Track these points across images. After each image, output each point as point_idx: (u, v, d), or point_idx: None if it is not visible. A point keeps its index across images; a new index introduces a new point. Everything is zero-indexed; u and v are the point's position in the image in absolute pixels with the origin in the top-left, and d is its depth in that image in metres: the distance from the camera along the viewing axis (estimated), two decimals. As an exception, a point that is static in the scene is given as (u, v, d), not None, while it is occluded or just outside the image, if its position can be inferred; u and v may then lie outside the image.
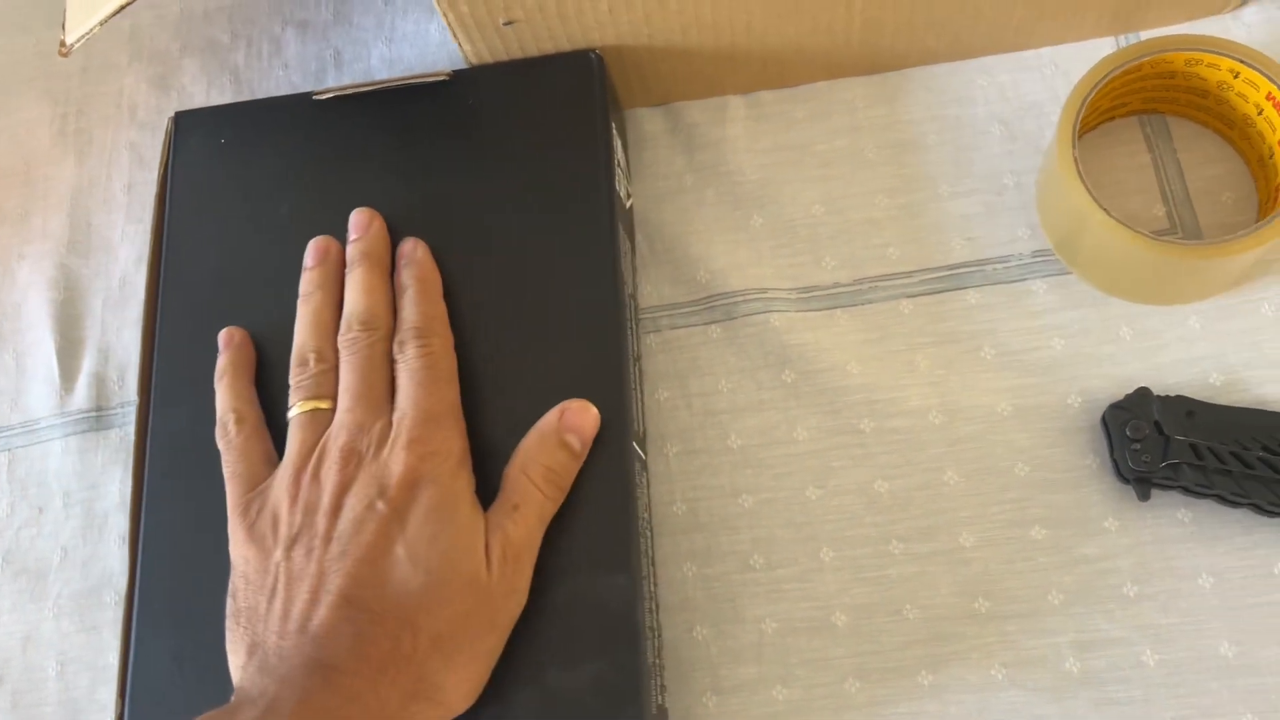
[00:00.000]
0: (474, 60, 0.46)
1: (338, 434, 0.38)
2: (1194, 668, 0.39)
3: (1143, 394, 0.41)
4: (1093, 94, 0.42)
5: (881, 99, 0.48)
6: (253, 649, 0.36)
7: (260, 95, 0.53)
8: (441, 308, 0.42)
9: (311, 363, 0.41)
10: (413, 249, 0.43)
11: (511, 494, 0.38)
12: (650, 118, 0.50)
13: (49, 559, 0.47)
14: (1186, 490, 0.41)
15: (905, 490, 0.43)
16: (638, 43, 0.45)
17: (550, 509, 0.38)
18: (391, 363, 0.40)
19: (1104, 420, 0.42)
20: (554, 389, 0.40)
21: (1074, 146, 0.41)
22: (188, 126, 0.47)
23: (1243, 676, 0.39)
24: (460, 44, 0.45)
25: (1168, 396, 0.41)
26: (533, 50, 0.45)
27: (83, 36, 0.43)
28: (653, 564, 0.42)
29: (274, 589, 0.36)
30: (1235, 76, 0.42)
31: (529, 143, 0.44)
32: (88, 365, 0.50)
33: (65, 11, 0.44)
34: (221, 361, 0.42)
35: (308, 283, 0.43)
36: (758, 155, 0.49)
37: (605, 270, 0.42)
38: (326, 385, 0.40)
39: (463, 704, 0.36)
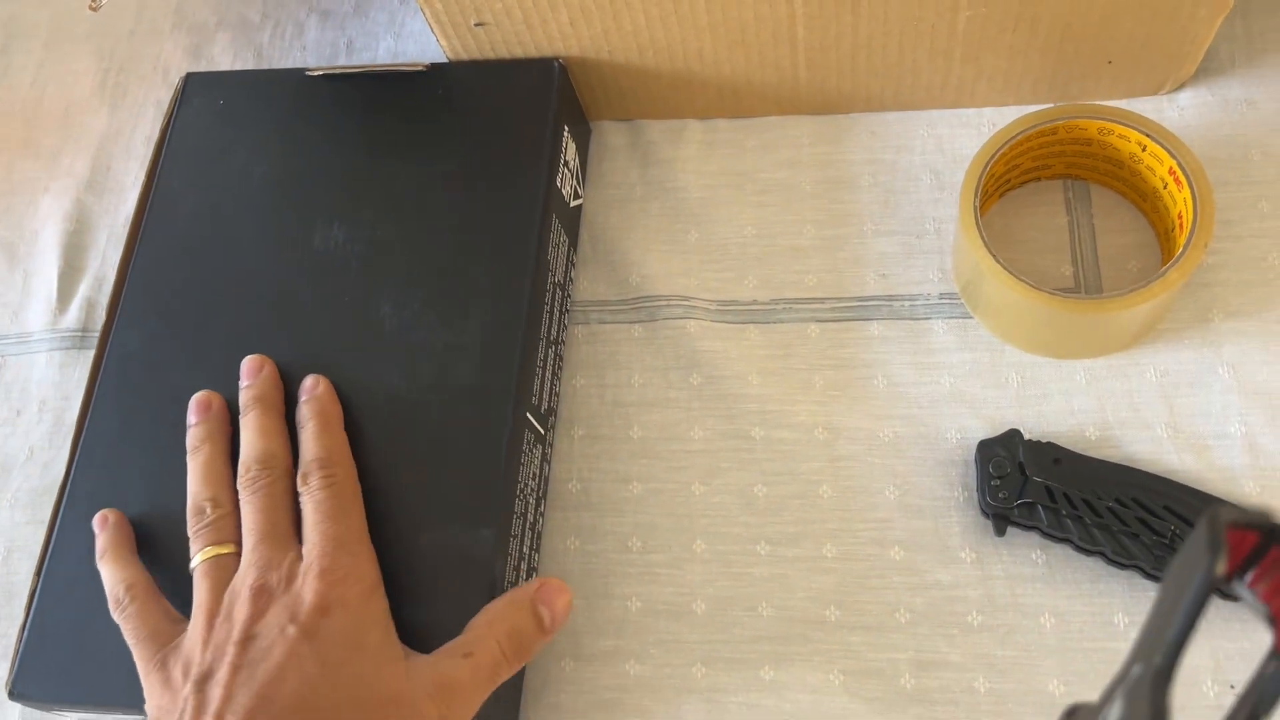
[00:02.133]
0: (451, 56, 0.50)
1: (246, 573, 0.39)
2: (1021, 700, 0.41)
3: (1012, 434, 0.43)
4: (1002, 150, 0.44)
5: (827, 138, 0.52)
6: None
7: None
8: (342, 439, 0.42)
9: (208, 510, 0.41)
10: (313, 385, 0.43)
11: (470, 643, 0.38)
12: (615, 131, 0.54)
13: (16, 456, 0.52)
14: (1042, 533, 0.42)
15: (781, 497, 0.45)
16: (600, 57, 0.49)
17: (504, 672, 0.39)
18: (294, 499, 0.41)
19: (975, 455, 0.44)
20: (463, 352, 0.44)
21: (976, 197, 0.44)
22: (195, 86, 0.52)
23: (1065, 715, 0.40)
24: (439, 40, 0.49)
25: (1037, 441, 0.43)
26: (505, 53, 0.50)
27: (109, -5, 0.48)
28: (536, 532, 0.45)
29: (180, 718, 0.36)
30: (1143, 149, 0.44)
31: (485, 133, 0.48)
32: (83, 291, 0.55)
33: (101, -28, 0.50)
34: (100, 542, 0.42)
35: (194, 438, 0.43)
36: (704, 176, 0.52)
37: (528, 253, 0.45)
38: (227, 530, 0.41)
39: None
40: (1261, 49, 0.49)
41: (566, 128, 0.49)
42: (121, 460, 0.45)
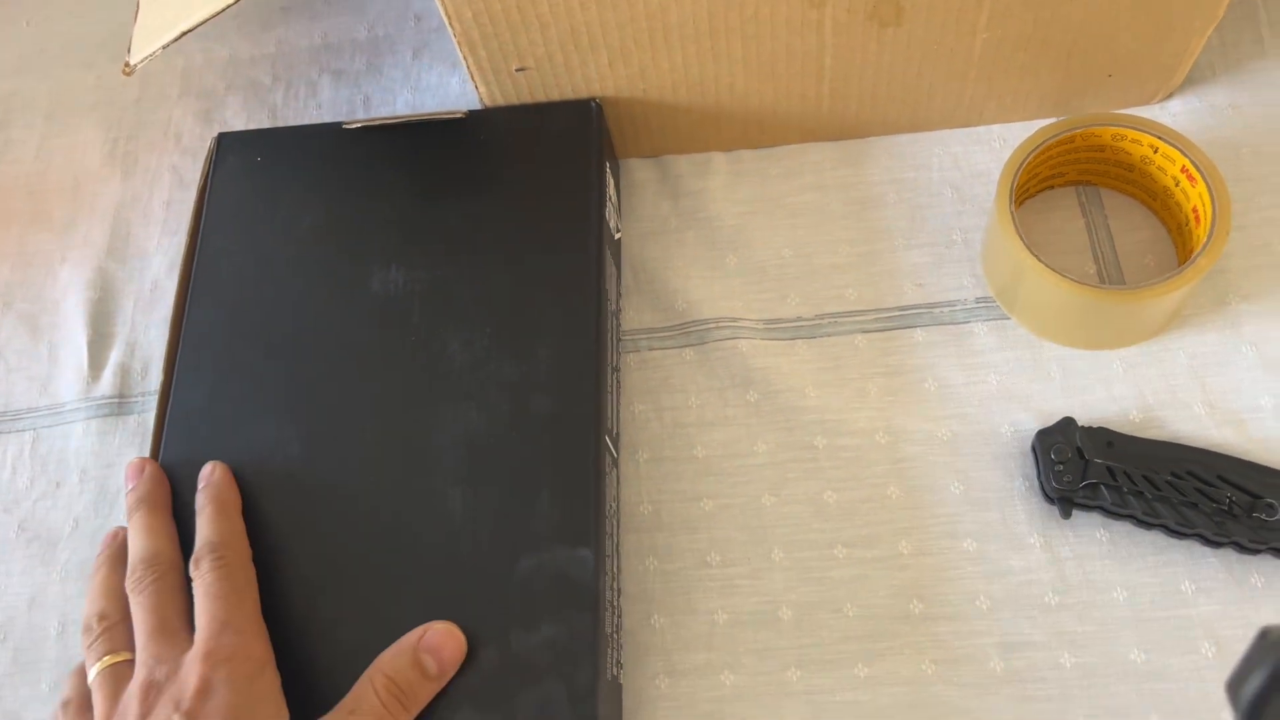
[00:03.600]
0: (488, 102, 0.52)
1: (136, 674, 0.39)
2: (1106, 671, 0.43)
3: (1068, 423, 0.46)
4: (1029, 158, 0.48)
5: (847, 161, 0.54)
6: None
7: (295, 130, 0.59)
8: (238, 525, 0.43)
9: (95, 625, 0.42)
10: (210, 471, 0.44)
11: (351, 700, 0.39)
12: (642, 167, 0.56)
13: (61, 529, 0.51)
14: (1104, 511, 0.45)
15: (851, 501, 0.47)
16: (634, 95, 0.51)
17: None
18: (187, 591, 0.42)
19: (1033, 445, 0.46)
20: (537, 384, 0.45)
21: (1011, 201, 0.47)
22: (228, 146, 0.53)
23: (1150, 681, 0.43)
24: (477, 86, 0.51)
25: (1090, 427, 0.46)
26: (541, 96, 0.51)
27: (146, 58, 0.49)
28: (618, 553, 0.46)
29: None
30: (1155, 151, 0.48)
31: (531, 174, 0.50)
32: (115, 357, 0.55)
33: (131, 37, 0.51)
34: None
35: (94, 567, 0.44)
36: (735, 204, 0.54)
37: (590, 282, 0.47)
38: (117, 639, 0.41)
39: None
40: (1238, 58, 0.53)
41: (607, 164, 0.51)
42: (192, 521, 0.44)
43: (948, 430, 0.48)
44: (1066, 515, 0.45)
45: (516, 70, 0.50)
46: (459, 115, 0.51)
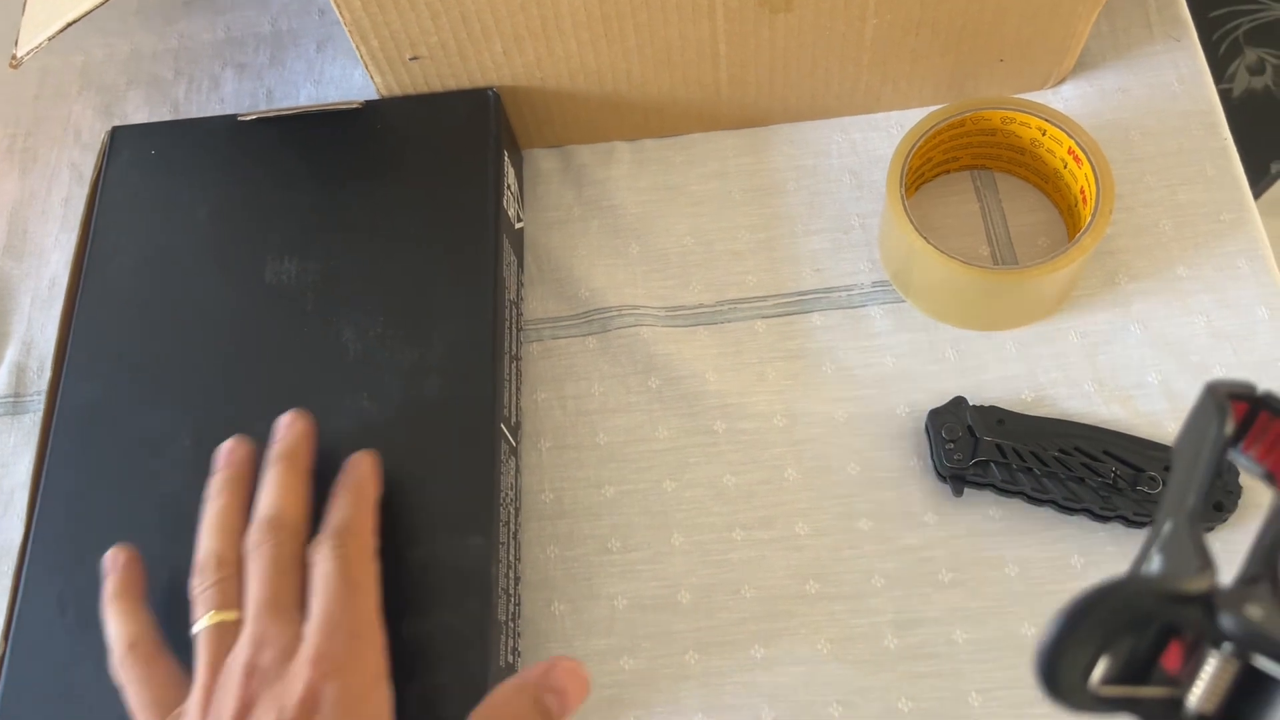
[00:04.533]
0: (385, 92, 0.51)
1: (240, 650, 0.37)
2: (998, 646, 0.44)
3: (959, 402, 0.46)
4: (920, 143, 0.48)
5: (749, 150, 0.55)
6: None
7: (196, 125, 0.59)
8: (370, 519, 0.40)
9: (212, 570, 0.39)
10: (359, 459, 0.42)
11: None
12: (546, 157, 0.56)
13: (-47, 530, 0.50)
14: (996, 489, 0.45)
15: (749, 484, 0.47)
16: (532, 84, 0.51)
17: None
18: (305, 567, 0.39)
19: (925, 424, 0.47)
20: (431, 372, 0.44)
21: (901, 186, 0.47)
22: (122, 140, 0.52)
23: (1039, 654, 0.43)
24: (373, 76, 0.50)
25: (981, 405, 0.46)
26: (438, 86, 0.51)
27: (32, 50, 0.48)
28: (515, 541, 0.46)
29: None
30: (1043, 134, 0.49)
31: (428, 164, 0.49)
32: (10, 355, 0.54)
33: (20, 29, 0.50)
34: (108, 586, 0.40)
35: (213, 486, 0.41)
36: (638, 193, 0.54)
37: (486, 270, 0.47)
38: (230, 594, 0.38)
39: None
40: (1126, 43, 0.54)
41: (506, 153, 0.51)
42: (84, 513, 0.44)
43: (845, 412, 0.48)
44: (959, 493, 0.45)
45: (410, 59, 0.49)
46: (355, 106, 0.51)
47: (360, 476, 0.41)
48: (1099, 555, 0.45)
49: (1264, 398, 0.23)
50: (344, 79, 0.59)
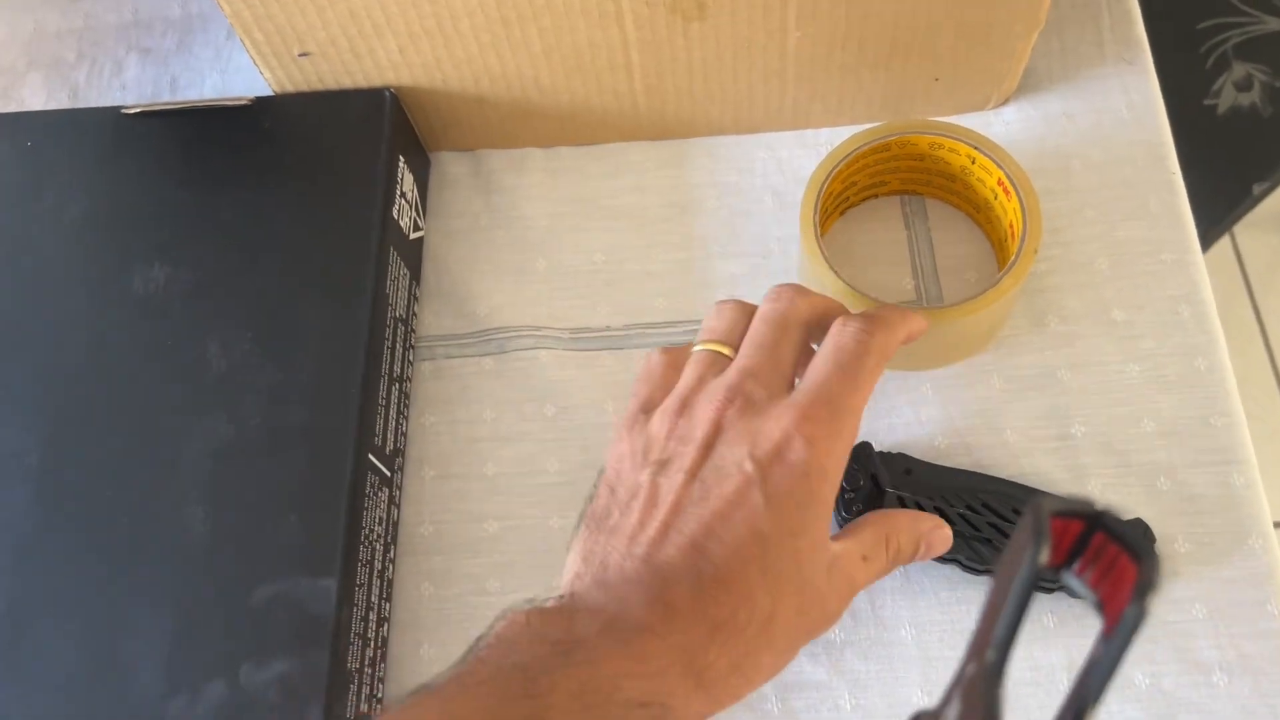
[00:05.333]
0: (278, 88, 0.48)
1: (728, 373, 0.36)
2: (886, 714, 0.41)
3: (864, 447, 0.43)
4: (839, 167, 0.45)
5: (671, 162, 0.51)
6: (589, 557, 0.34)
7: (93, 111, 0.56)
8: (901, 336, 0.38)
9: (730, 306, 0.39)
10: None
11: (868, 547, 0.36)
12: (456, 161, 0.53)
13: None
14: None
15: (640, 526, 0.44)
16: (434, 86, 0.48)
17: (877, 577, 0.37)
18: (809, 353, 0.37)
19: None
20: (296, 395, 0.42)
21: (815, 213, 0.44)
22: (0, 129, 0.49)
23: (931, 725, 0.40)
24: (262, 72, 0.47)
25: (888, 453, 0.43)
26: (333, 84, 0.48)
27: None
28: (384, 580, 0.43)
29: (628, 505, 0.34)
30: (973, 162, 0.45)
31: (316, 167, 0.46)
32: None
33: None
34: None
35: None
36: (550, 204, 0.51)
37: (365, 285, 0.43)
38: (736, 335, 0.38)
39: (762, 684, 0.34)
40: (1075, 65, 0.51)
41: (402, 158, 0.48)
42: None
43: (745, 452, 0.45)
44: None
45: (299, 55, 0.46)
46: (244, 102, 0.48)
47: (909, 317, 0.38)
48: (1004, 620, 0.41)
49: (1099, 516, 0.20)
50: (252, 69, 0.56)
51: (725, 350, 0.37)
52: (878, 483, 0.42)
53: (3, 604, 0.40)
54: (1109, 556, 0.20)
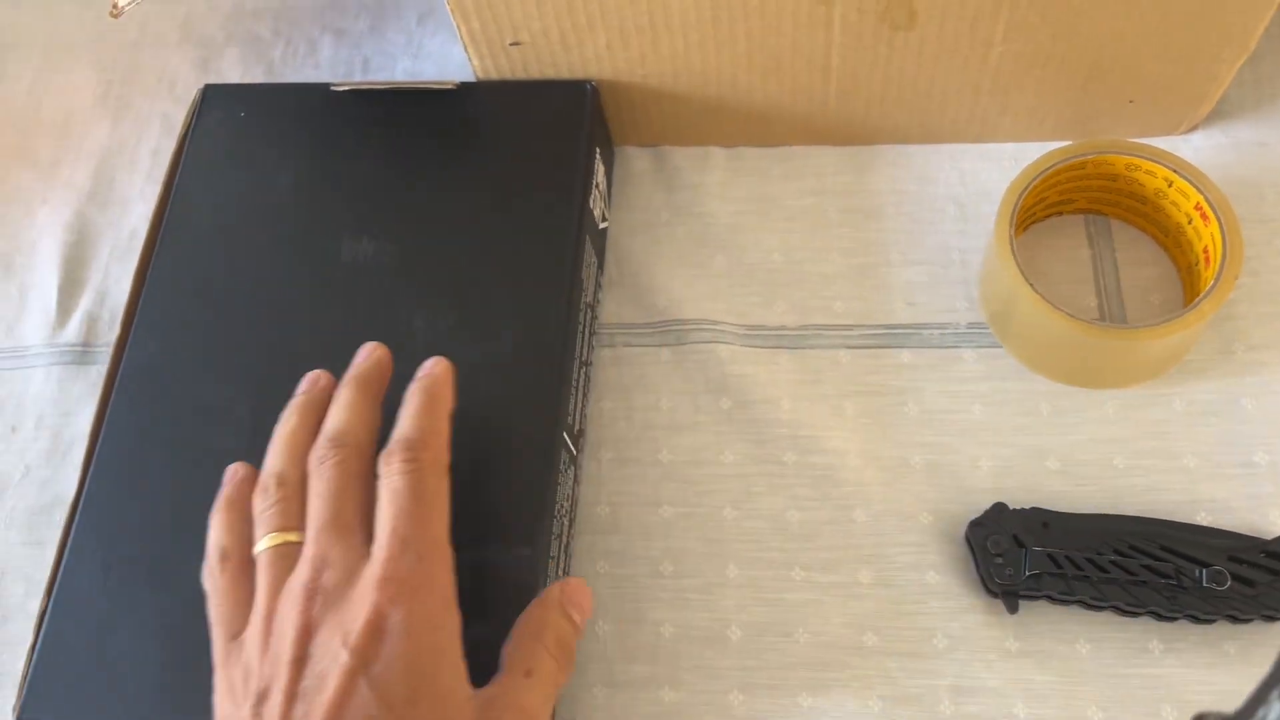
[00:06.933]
0: (482, 75, 0.50)
1: (300, 571, 0.35)
2: (1061, 727, 0.41)
3: (999, 509, 0.43)
4: (1035, 182, 0.45)
5: (851, 168, 0.52)
6: None
7: (289, 88, 0.58)
8: (444, 427, 0.38)
9: (273, 489, 0.37)
10: (433, 365, 0.40)
11: (525, 660, 0.36)
12: (639, 156, 0.54)
13: (10, 474, 0.50)
14: (1051, 599, 0.42)
15: (815, 522, 0.45)
16: (633, 80, 0.49)
17: (561, 679, 0.37)
18: (372, 486, 0.37)
19: (966, 537, 0.43)
20: (497, 371, 0.43)
21: (1011, 226, 0.45)
22: (213, 98, 0.51)
23: (1106, 741, 0.41)
24: (471, 58, 0.49)
25: (1023, 509, 0.43)
26: (536, 74, 0.49)
27: (133, 1, 0.47)
28: (567, 553, 0.44)
29: None
30: (1169, 185, 0.45)
31: (516, 152, 0.48)
32: (84, 304, 0.53)
33: (123, -21, 0.49)
34: (223, 494, 0.39)
35: (286, 410, 0.40)
36: (730, 202, 0.52)
37: (563, 271, 0.45)
38: (293, 514, 0.37)
39: None
40: (1271, 94, 0.51)
41: (598, 150, 0.49)
42: (137, 477, 0.43)
43: (922, 458, 0.46)
44: (1013, 610, 0.42)
45: (510, 44, 0.48)
46: (449, 86, 0.50)
47: (433, 383, 0.39)
48: (1178, 643, 0.41)
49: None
50: (442, 55, 0.58)
51: (292, 537, 0.36)
52: (1019, 542, 0.42)
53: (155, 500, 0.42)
54: None
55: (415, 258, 0.46)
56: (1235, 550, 0.41)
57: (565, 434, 0.43)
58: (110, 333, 0.52)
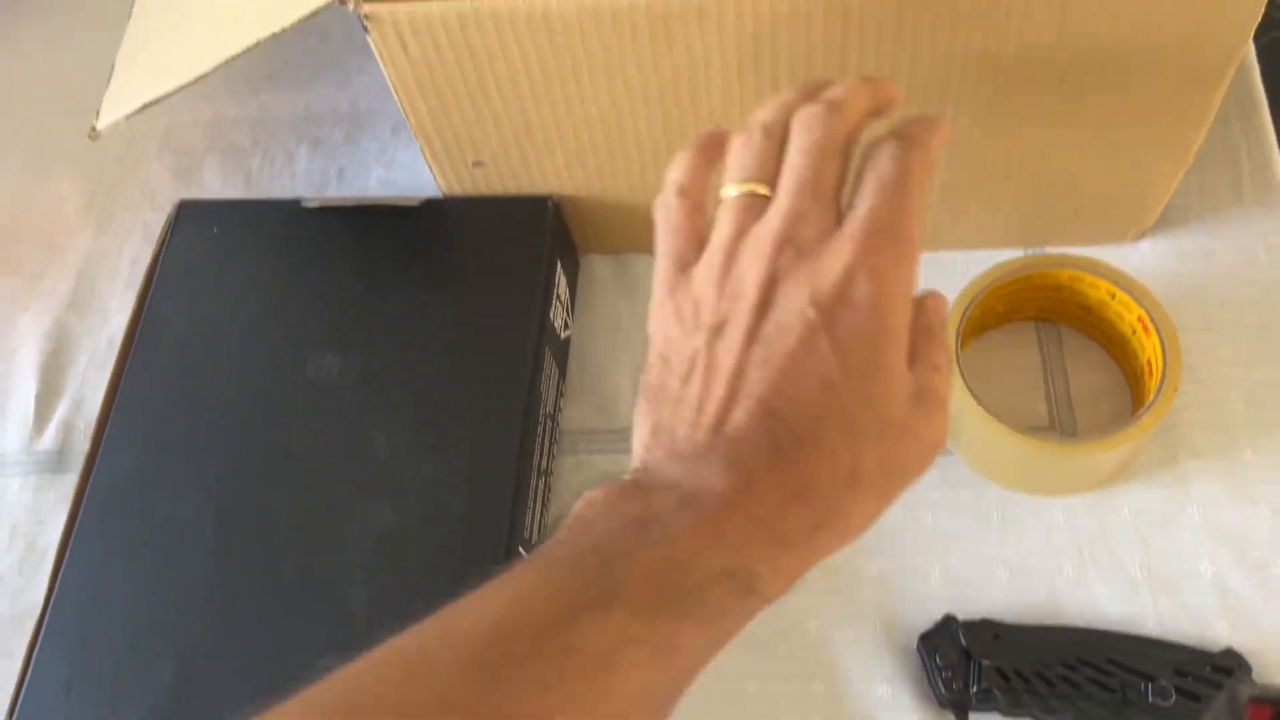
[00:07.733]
0: (447, 191, 0.52)
1: (770, 218, 0.32)
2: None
3: (949, 621, 0.44)
4: (980, 296, 0.46)
5: (808, 276, 0.53)
6: (657, 430, 0.32)
7: (267, 197, 0.60)
8: (938, 148, 0.34)
9: (758, 138, 0.34)
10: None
11: (929, 354, 0.33)
12: (602, 264, 0.55)
13: (-17, 583, 0.51)
14: (1001, 713, 0.43)
15: (768, 634, 0.45)
16: (592, 194, 0.51)
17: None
18: (854, 171, 0.34)
19: (918, 648, 0.44)
20: (453, 486, 0.44)
21: (957, 341, 0.46)
22: (188, 214, 0.53)
23: None
24: (436, 177, 0.51)
25: (972, 621, 0.44)
26: (499, 190, 0.51)
27: (110, 124, 0.49)
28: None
29: (689, 375, 0.32)
30: (1112, 297, 0.47)
31: (479, 267, 0.49)
32: (60, 412, 0.55)
33: (102, 101, 0.51)
34: (697, 139, 0.36)
35: (789, 89, 0.36)
36: (690, 310, 0.53)
37: (521, 385, 0.46)
38: (769, 169, 0.34)
39: (859, 534, 0.32)
40: (1215, 204, 0.52)
41: (559, 262, 0.51)
42: (103, 592, 0.44)
43: (875, 568, 0.46)
44: None
45: (473, 164, 0.49)
46: (414, 203, 0.51)
47: (937, 124, 0.35)
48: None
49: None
50: (414, 164, 0.59)
51: (762, 189, 0.33)
52: (969, 654, 0.43)
53: (175, 671, 0.42)
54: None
55: (378, 373, 0.47)
56: (1181, 664, 0.42)
57: (521, 548, 0.44)
58: (85, 441, 0.54)
